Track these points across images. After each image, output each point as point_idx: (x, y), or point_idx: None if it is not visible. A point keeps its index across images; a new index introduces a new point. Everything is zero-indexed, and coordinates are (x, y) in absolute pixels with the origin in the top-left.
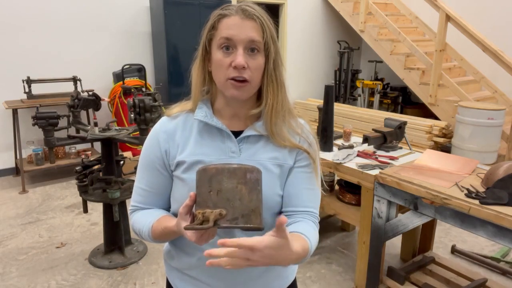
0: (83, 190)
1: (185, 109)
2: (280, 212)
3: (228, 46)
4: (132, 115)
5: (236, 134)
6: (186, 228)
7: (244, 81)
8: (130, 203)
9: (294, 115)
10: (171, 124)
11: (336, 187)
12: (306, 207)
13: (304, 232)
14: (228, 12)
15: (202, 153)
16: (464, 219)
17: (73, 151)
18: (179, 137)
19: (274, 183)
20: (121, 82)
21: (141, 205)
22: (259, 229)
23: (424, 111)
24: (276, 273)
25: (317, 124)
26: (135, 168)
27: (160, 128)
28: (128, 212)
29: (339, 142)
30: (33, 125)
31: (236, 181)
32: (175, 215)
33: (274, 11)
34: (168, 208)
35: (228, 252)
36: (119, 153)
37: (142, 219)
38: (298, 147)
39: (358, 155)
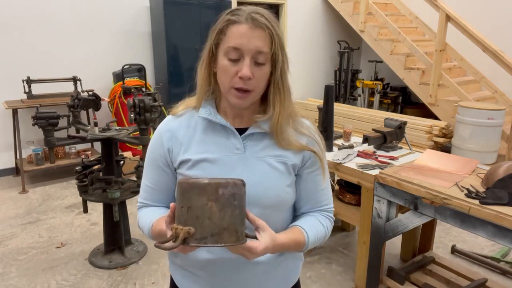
0: (83, 190)
1: (190, 106)
2: (293, 204)
3: (235, 57)
4: (132, 115)
5: (240, 131)
6: (155, 246)
7: (247, 91)
8: (138, 199)
9: (298, 115)
10: (175, 122)
11: (336, 187)
12: (322, 206)
13: (304, 226)
14: (237, 19)
15: (207, 150)
16: (464, 219)
17: (73, 151)
18: (183, 135)
19: (281, 179)
20: (121, 82)
21: (147, 201)
22: (236, 244)
23: (424, 111)
24: (278, 273)
25: (317, 124)
26: (135, 168)
27: (164, 126)
28: (136, 208)
29: (339, 142)
30: (33, 125)
31: (206, 198)
32: None
33: (274, 11)
34: None
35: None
36: (119, 153)
37: (145, 217)
38: (304, 148)
39: (358, 155)
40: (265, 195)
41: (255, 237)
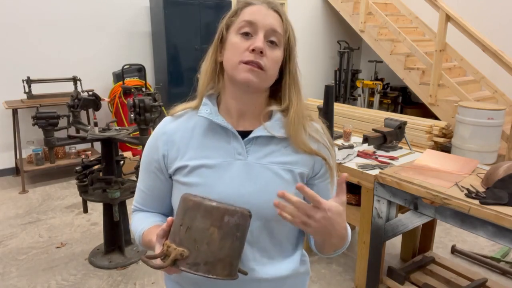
0: (83, 190)
1: (190, 107)
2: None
3: (248, 32)
4: (132, 115)
5: (244, 135)
6: (142, 260)
7: (259, 67)
8: (133, 201)
9: (310, 119)
10: (172, 124)
11: None
12: None
13: None
14: (254, 1)
15: (206, 155)
16: (464, 219)
17: (73, 151)
18: (180, 139)
19: (286, 188)
20: (121, 82)
21: (140, 206)
22: (227, 279)
23: (424, 111)
24: None
25: None
26: (135, 168)
27: (161, 129)
28: (131, 210)
29: (339, 142)
30: (33, 125)
31: (209, 222)
32: None
33: None
34: (169, 212)
35: (298, 201)
36: (119, 153)
37: (137, 223)
38: (316, 153)
39: (358, 155)
40: (268, 206)
41: (246, 273)
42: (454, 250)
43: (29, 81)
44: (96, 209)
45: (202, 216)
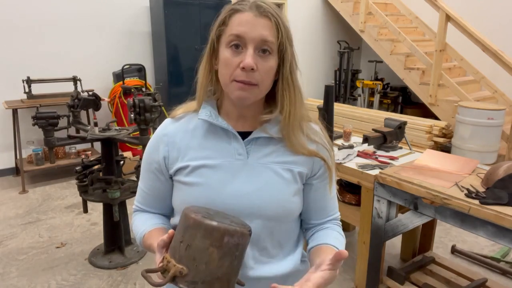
0: (83, 190)
1: (190, 109)
2: (300, 215)
3: (238, 44)
4: (132, 115)
5: (244, 135)
6: (142, 275)
7: (250, 84)
8: (134, 201)
9: (309, 120)
10: (173, 126)
11: (336, 187)
12: (331, 215)
13: (335, 243)
14: (241, 8)
15: (206, 156)
16: (464, 219)
17: (73, 151)
18: (181, 140)
19: (287, 188)
20: (121, 82)
21: (142, 206)
22: None
23: (424, 111)
24: None
25: None
26: (135, 168)
27: (162, 131)
28: (131, 210)
29: (339, 142)
30: (33, 125)
31: (209, 242)
32: (175, 228)
33: None
34: (170, 212)
35: None
36: (119, 153)
37: (139, 224)
38: (315, 154)
39: (358, 155)
40: (269, 205)
41: (243, 284)
42: (454, 250)
43: (29, 81)
44: (96, 209)
45: (202, 236)
